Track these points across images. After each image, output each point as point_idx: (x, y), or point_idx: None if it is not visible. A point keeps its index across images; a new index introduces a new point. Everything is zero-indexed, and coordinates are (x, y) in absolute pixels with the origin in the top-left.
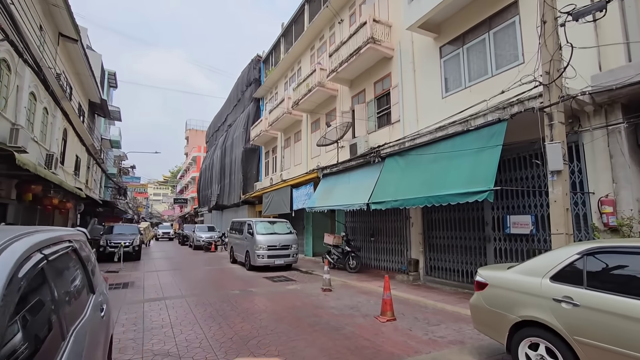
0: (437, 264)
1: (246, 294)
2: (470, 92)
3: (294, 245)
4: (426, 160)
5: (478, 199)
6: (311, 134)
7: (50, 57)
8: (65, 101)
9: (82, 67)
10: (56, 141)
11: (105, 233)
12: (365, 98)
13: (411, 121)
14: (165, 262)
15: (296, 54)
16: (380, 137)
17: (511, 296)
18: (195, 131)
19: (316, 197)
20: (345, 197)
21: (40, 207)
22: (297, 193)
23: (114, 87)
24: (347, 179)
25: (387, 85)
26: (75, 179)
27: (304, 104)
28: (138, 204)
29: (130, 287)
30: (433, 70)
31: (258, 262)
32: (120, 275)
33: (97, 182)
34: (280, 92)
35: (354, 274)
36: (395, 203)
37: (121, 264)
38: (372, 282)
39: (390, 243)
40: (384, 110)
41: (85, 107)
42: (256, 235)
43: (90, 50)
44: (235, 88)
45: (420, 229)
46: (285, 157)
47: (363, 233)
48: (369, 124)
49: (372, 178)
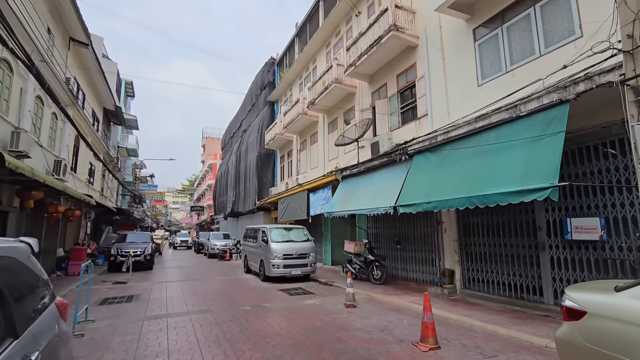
0: (476, 276)
1: (259, 311)
2: (513, 77)
3: (311, 254)
4: (464, 156)
5: (537, 198)
6: (328, 135)
7: (60, 62)
8: (73, 107)
9: (95, 73)
10: (66, 147)
11: (118, 241)
12: (387, 93)
13: (441, 114)
14: (177, 271)
15: (311, 52)
16: (405, 134)
17: (636, 333)
18: (211, 139)
19: (335, 201)
20: (368, 200)
21: (46, 215)
22: (315, 197)
23: (132, 97)
24: (370, 181)
25: (412, 77)
26: (88, 187)
27: (321, 103)
28: (157, 212)
29: (134, 300)
30: (466, 56)
31: (273, 272)
32: (127, 287)
33: (112, 191)
34: (295, 93)
35: (379, 285)
36: (429, 206)
37: (130, 275)
38: (402, 297)
39: (419, 251)
40: (408, 104)
41: (99, 114)
42: (271, 243)
43: (106, 59)
44: (249, 92)
45: (455, 235)
46: (301, 161)
47: (387, 240)
48: (392, 120)
49: (399, 178)
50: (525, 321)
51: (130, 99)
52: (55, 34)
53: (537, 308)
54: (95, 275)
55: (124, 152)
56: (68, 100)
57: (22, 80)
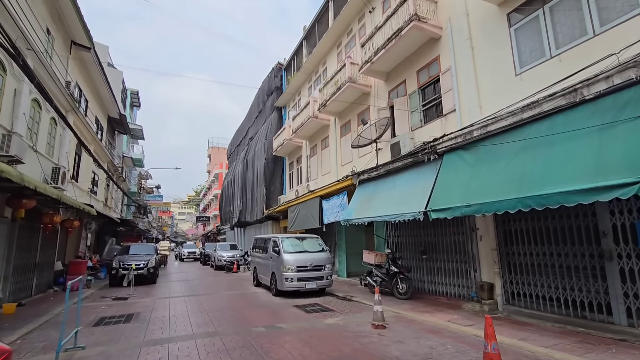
0: (522, 290)
1: (275, 334)
2: (560, 62)
3: (327, 266)
4: (508, 151)
5: (620, 196)
6: (340, 139)
7: (60, 66)
8: (74, 113)
9: (98, 78)
10: (66, 155)
11: (120, 254)
12: (407, 90)
13: (471, 108)
14: (182, 285)
15: (321, 54)
16: (429, 132)
17: None
18: (217, 149)
19: (353, 207)
20: (391, 205)
21: (42, 226)
22: (328, 204)
23: (137, 107)
24: (392, 184)
25: (435, 72)
26: (90, 197)
27: (332, 105)
28: (163, 223)
29: (133, 320)
30: (499, 44)
31: (286, 286)
32: (127, 304)
33: (117, 201)
34: (304, 97)
35: (405, 301)
36: (468, 210)
37: (132, 290)
38: (435, 314)
39: (449, 262)
40: (431, 101)
41: (104, 122)
42: (283, 254)
43: (111, 67)
44: (256, 99)
45: (494, 244)
46: (311, 167)
47: (411, 249)
48: (413, 119)
49: (427, 180)
50: (598, 346)
51: (136, 109)
52: (56, 36)
53: (606, 330)
54: (95, 290)
55: (129, 162)
56: (68, 106)
57: (17, 81)
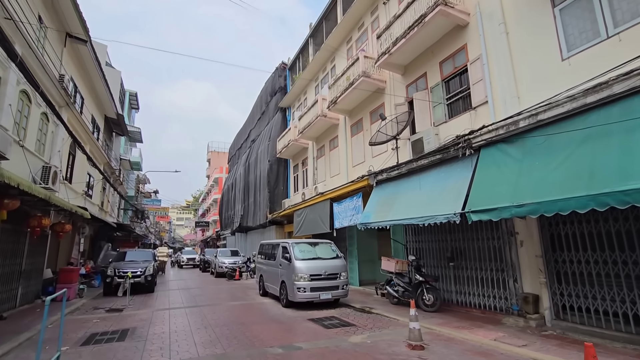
0: (575, 303)
1: (294, 356)
2: (620, 41)
3: (343, 274)
4: (568, 142)
5: None
6: (351, 138)
7: (54, 56)
8: (68, 110)
9: (95, 75)
10: (58, 154)
11: (115, 260)
12: (428, 83)
13: (507, 99)
14: (181, 295)
15: (329, 51)
16: (456, 127)
17: None
18: (217, 153)
19: (371, 210)
20: (417, 207)
21: (29, 230)
22: (340, 208)
23: (136, 109)
24: (416, 184)
25: (461, 62)
26: (85, 200)
27: (343, 102)
28: (160, 229)
29: (128, 337)
30: (541, 26)
31: (298, 296)
32: (122, 317)
33: (114, 205)
34: (310, 97)
35: (432, 314)
36: (520, 210)
37: (127, 300)
38: (475, 331)
39: (482, 270)
40: (457, 93)
41: (100, 122)
42: (295, 261)
43: (109, 67)
44: (258, 100)
45: (539, 250)
46: (318, 169)
47: (435, 256)
48: (436, 113)
49: (461, 178)
50: None
51: (135, 111)
52: (49, 25)
53: None
54: (88, 299)
55: (127, 165)
56: (62, 101)
57: (2, 69)
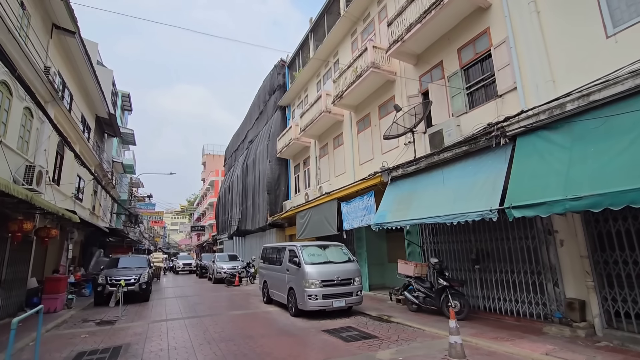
0: (631, 309)
1: None
2: None
3: (357, 279)
4: (632, 124)
5: None
6: (357, 135)
7: (39, 46)
8: (55, 106)
9: (85, 70)
10: (44, 153)
11: (107, 267)
12: (444, 72)
13: (540, 84)
14: (179, 303)
15: (332, 45)
16: (479, 118)
17: None
18: (212, 156)
19: (386, 209)
20: (442, 204)
21: (11, 234)
22: (349, 208)
23: (129, 111)
24: (439, 179)
25: (483, 47)
26: (75, 203)
27: (349, 97)
28: (155, 234)
29: (121, 357)
30: (579, 2)
31: (309, 305)
32: (114, 331)
33: (106, 210)
34: (311, 94)
35: (460, 322)
36: (577, 204)
37: (120, 310)
38: (517, 342)
39: (513, 273)
40: (479, 81)
41: (91, 122)
42: (304, 265)
43: (100, 66)
44: (256, 100)
45: (584, 250)
46: (321, 168)
47: (457, 258)
48: (455, 104)
49: (494, 171)
50: None
51: (128, 113)
52: (33, 13)
53: None
54: (77, 311)
55: (120, 168)
56: (48, 95)
57: None
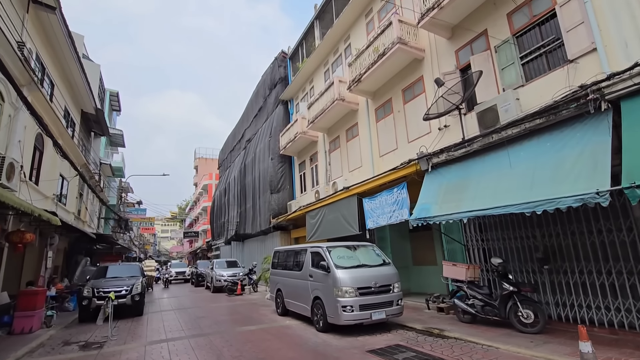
0: None
1: None
2: None
3: (396, 285)
4: None
5: None
6: (376, 124)
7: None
8: (33, 91)
9: (69, 57)
10: (19, 145)
11: (95, 277)
12: (489, 42)
13: (629, 40)
14: (178, 317)
15: (343, 28)
16: (541, 90)
17: None
18: (204, 159)
19: (430, 200)
20: (512, 190)
21: None
22: (373, 203)
23: (117, 111)
24: (503, 161)
25: (543, 7)
26: (57, 205)
27: (368, 81)
28: (145, 241)
29: None
30: None
31: (344, 318)
32: (102, 357)
33: (93, 214)
34: (318, 85)
35: (536, 336)
36: None
37: (110, 329)
38: None
39: (602, 274)
40: (539, 47)
41: (76, 117)
42: (335, 270)
43: (86, 59)
44: (254, 97)
45: None
46: (332, 164)
47: (515, 258)
48: (505, 77)
49: (588, 145)
50: None
51: (116, 113)
52: None
53: None
54: (58, 330)
55: (108, 171)
56: (23, 78)
57: None
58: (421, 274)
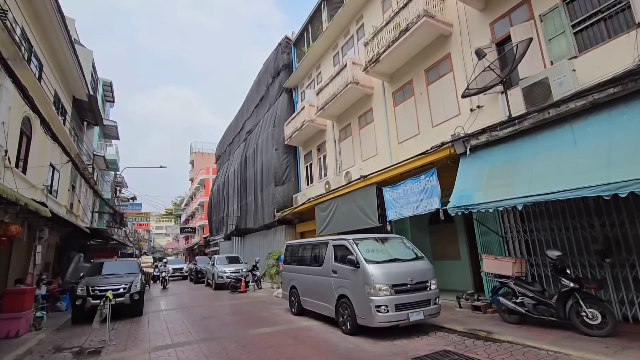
0: None
1: None
2: None
3: (433, 282)
4: None
5: None
6: (394, 109)
7: None
8: (17, 66)
9: (60, 36)
10: (2, 126)
11: (89, 274)
12: (533, 11)
13: None
14: (182, 317)
15: (355, 8)
16: (600, 60)
17: None
18: (200, 154)
19: (470, 187)
20: (581, 172)
21: None
22: (395, 193)
23: (111, 102)
24: (565, 139)
25: None
26: (47, 197)
27: (387, 61)
28: (139, 238)
29: None
30: None
31: (378, 320)
32: None
33: (86, 208)
34: (325, 71)
35: (607, 340)
36: None
37: (108, 332)
38: None
39: None
40: (596, 13)
41: (67, 104)
42: (366, 265)
43: (78, 44)
44: (255, 86)
45: None
46: (342, 153)
47: (570, 251)
48: (554, 48)
49: None
50: None
51: (110, 105)
52: None
53: None
54: (48, 333)
55: (102, 164)
56: (8, 51)
57: None
58: (442, 270)
